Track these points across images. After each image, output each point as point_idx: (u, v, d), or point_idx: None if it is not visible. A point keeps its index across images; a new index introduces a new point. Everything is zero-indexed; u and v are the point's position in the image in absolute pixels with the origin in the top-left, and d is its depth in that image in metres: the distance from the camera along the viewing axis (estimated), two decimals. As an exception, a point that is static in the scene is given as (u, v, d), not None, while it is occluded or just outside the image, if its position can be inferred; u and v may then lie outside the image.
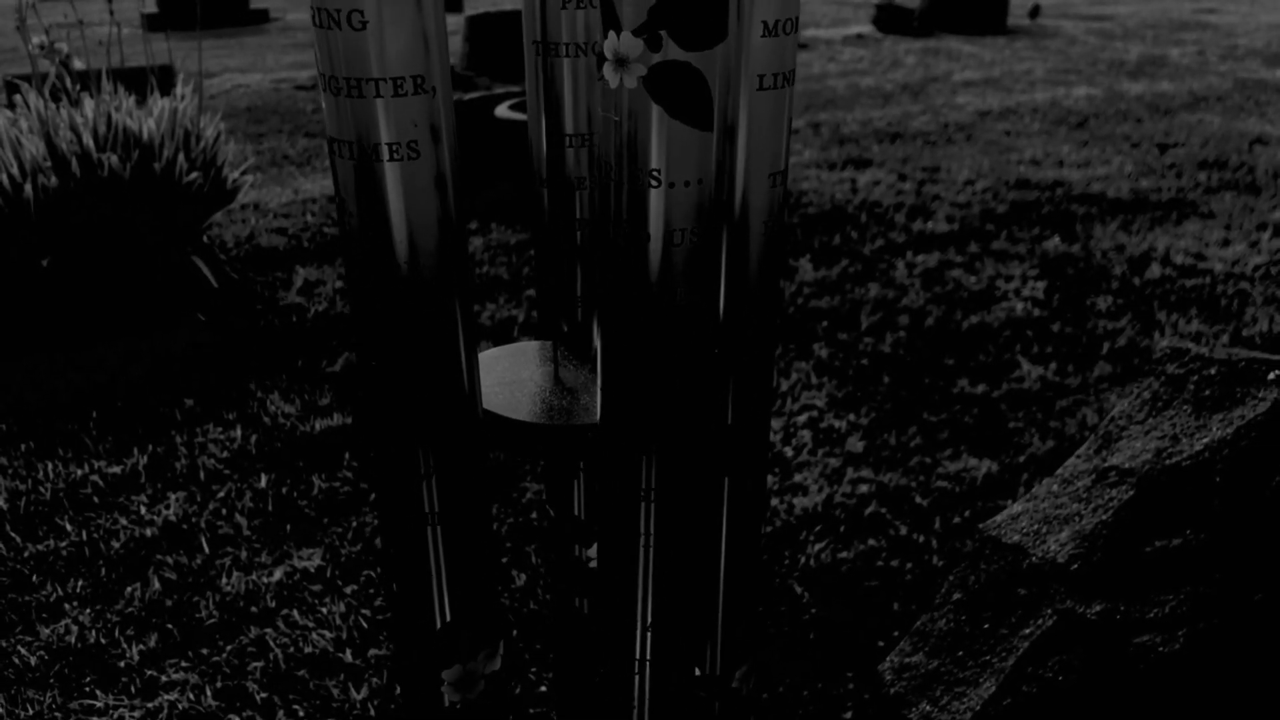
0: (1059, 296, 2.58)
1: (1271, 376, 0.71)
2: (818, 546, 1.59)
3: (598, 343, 0.68)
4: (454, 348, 0.53)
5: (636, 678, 0.59)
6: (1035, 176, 3.73)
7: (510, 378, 0.64)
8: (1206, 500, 0.68)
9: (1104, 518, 0.73)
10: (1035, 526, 0.78)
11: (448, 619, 0.61)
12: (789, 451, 1.88)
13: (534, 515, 1.68)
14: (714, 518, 0.55)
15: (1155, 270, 2.74)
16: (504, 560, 1.57)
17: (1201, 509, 0.69)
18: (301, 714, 1.27)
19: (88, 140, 2.25)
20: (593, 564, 0.74)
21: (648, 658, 0.58)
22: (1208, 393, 0.73)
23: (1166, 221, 3.16)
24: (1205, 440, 0.71)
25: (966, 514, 1.67)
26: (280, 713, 1.28)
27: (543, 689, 1.32)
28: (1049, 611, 0.71)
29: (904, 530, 1.63)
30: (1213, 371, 0.74)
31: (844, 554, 1.57)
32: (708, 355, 0.50)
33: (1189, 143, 4.21)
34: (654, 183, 0.47)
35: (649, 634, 0.57)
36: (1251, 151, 4.03)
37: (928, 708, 0.74)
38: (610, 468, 0.55)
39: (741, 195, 0.47)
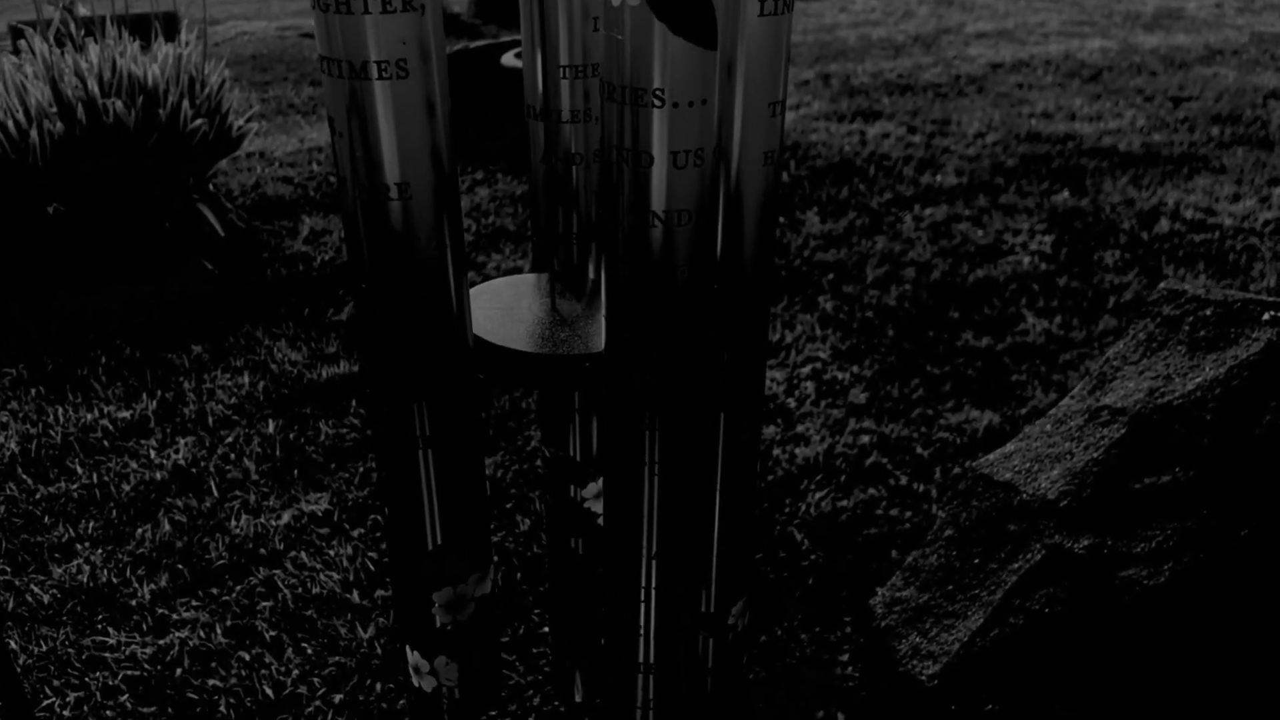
0: (1066, 250, 2.57)
1: (1266, 317, 0.71)
2: (818, 495, 1.60)
3: (593, 274, 0.68)
4: (443, 271, 0.54)
5: (643, 606, 0.60)
6: (1046, 130, 3.69)
7: (507, 309, 0.64)
8: (1197, 438, 0.69)
9: (1095, 455, 0.74)
10: (1027, 465, 0.79)
11: (439, 541, 0.62)
12: (791, 403, 1.89)
13: (537, 462, 1.70)
14: (710, 454, 0.56)
15: (1164, 225, 2.72)
16: (507, 505, 1.59)
17: (1191, 447, 0.69)
18: (310, 652, 1.30)
19: (93, 86, 2.24)
20: (587, 504, 0.75)
21: (653, 586, 0.59)
22: (1202, 333, 0.74)
23: (1177, 176, 3.14)
24: (1198, 380, 0.71)
25: (967, 464, 1.68)
26: (289, 650, 1.30)
27: (545, 629, 1.34)
28: (1038, 546, 0.72)
29: (904, 480, 1.65)
30: (1208, 312, 0.75)
31: (844, 502, 1.59)
32: (707, 286, 0.50)
33: (1203, 97, 4.16)
34: (657, 102, 0.46)
35: (654, 562, 0.58)
36: (1266, 106, 3.98)
37: (917, 639, 0.75)
38: (615, 399, 0.55)
39: (740, 125, 0.47)
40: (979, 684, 0.71)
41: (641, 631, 0.62)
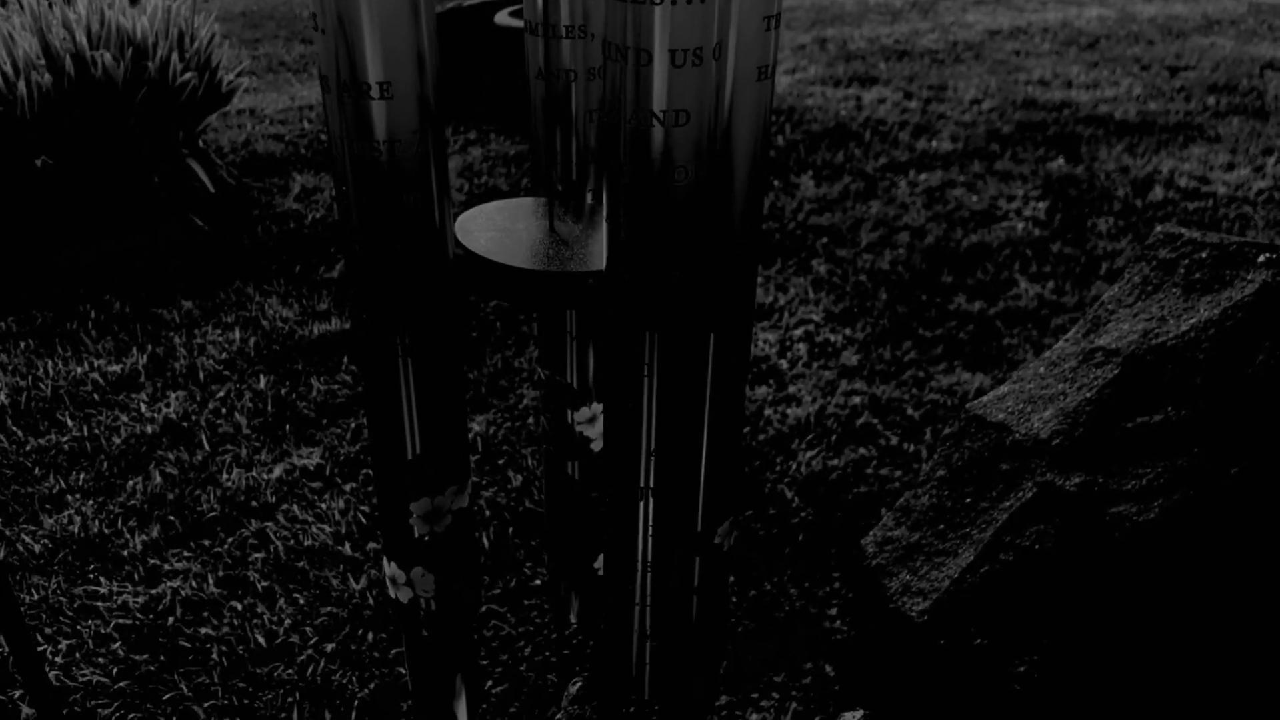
0: (1060, 217, 2.56)
1: (1262, 259, 0.71)
2: (809, 455, 1.61)
3: (590, 198, 0.67)
4: (424, 174, 0.53)
5: (641, 505, 0.61)
6: (1042, 97, 3.68)
7: (504, 230, 0.64)
8: (1189, 378, 0.69)
9: (1088, 395, 0.74)
10: (1020, 406, 0.79)
11: (418, 451, 0.62)
12: (784, 364, 1.89)
13: (529, 420, 1.70)
14: (699, 371, 0.56)
15: (1158, 193, 2.72)
16: (499, 462, 1.60)
17: (1184, 387, 0.70)
18: (301, 602, 1.31)
19: (81, 38, 2.21)
20: (579, 428, 0.75)
21: (651, 486, 0.59)
22: (1198, 275, 0.74)
23: (1172, 144, 3.13)
24: (1192, 321, 0.72)
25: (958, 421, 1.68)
26: (281, 601, 1.31)
27: (537, 582, 1.35)
28: (1029, 484, 0.73)
29: (894, 440, 1.65)
30: (1204, 255, 0.75)
31: (834, 461, 1.59)
32: (708, 191, 0.49)
33: (1199, 66, 4.14)
34: None
35: (652, 460, 0.58)
36: (1262, 76, 3.97)
37: (907, 577, 0.76)
38: (615, 303, 0.55)
39: (735, 38, 0.46)
40: (968, 619, 0.71)
41: (640, 529, 0.63)
